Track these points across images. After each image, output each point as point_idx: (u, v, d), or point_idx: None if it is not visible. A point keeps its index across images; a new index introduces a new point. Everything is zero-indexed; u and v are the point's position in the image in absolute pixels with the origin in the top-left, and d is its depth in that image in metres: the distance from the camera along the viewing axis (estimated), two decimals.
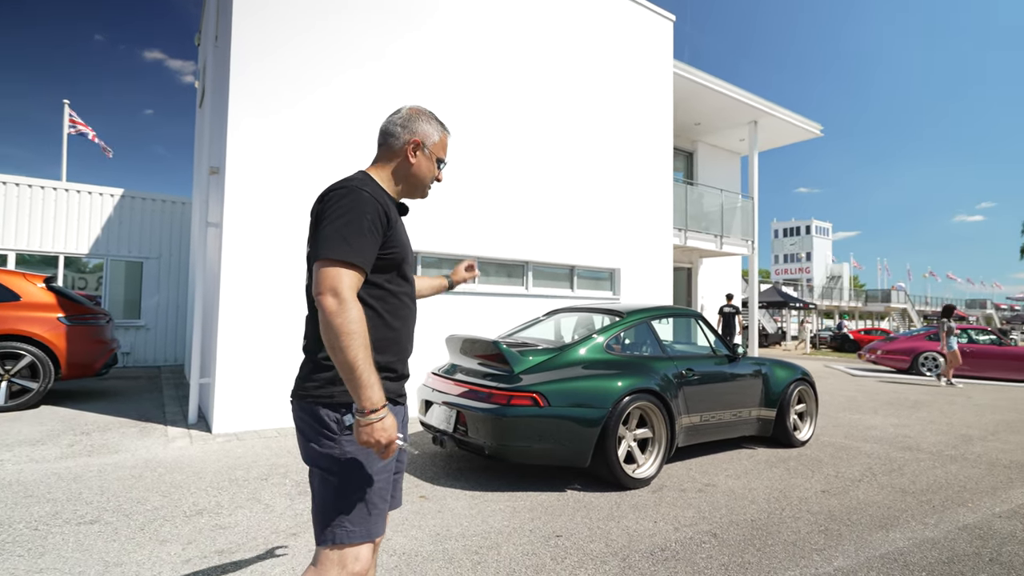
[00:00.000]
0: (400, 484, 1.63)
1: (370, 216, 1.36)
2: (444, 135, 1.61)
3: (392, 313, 1.47)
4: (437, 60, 6.65)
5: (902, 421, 6.47)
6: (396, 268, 1.47)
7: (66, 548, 2.64)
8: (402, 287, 1.50)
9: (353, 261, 1.31)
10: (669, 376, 4.13)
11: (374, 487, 1.38)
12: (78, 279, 10.20)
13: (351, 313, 1.25)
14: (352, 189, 1.38)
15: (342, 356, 1.23)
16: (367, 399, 1.24)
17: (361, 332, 1.25)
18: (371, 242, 1.36)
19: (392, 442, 1.29)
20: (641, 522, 3.14)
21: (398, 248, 1.45)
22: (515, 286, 7.34)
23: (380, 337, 1.42)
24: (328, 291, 1.27)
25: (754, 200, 12.50)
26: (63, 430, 4.97)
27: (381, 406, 1.26)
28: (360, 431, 1.27)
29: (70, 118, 13.90)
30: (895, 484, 3.96)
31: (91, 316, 6.43)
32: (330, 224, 1.33)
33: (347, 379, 1.25)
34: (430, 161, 1.58)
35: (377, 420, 1.26)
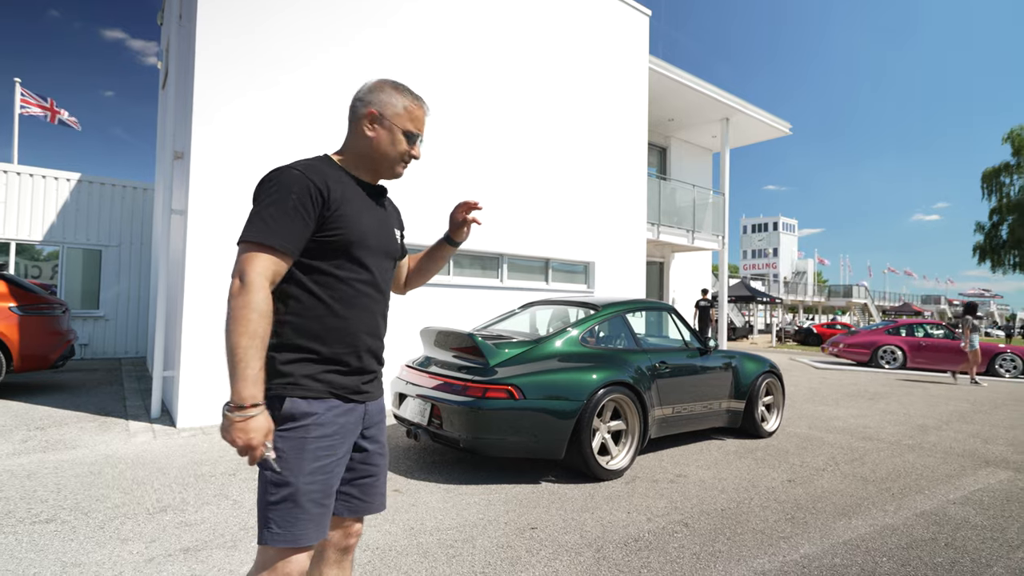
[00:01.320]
0: (379, 488, 1.49)
1: (296, 195, 1.25)
2: (413, 106, 1.44)
3: (341, 301, 1.34)
4: (411, 48, 6.53)
5: (862, 412, 6.71)
6: (343, 252, 1.34)
7: (20, 548, 2.52)
8: (355, 273, 1.36)
9: (269, 243, 1.22)
10: (643, 369, 4.17)
11: (304, 490, 1.25)
12: (31, 267, 9.73)
13: (249, 297, 1.16)
14: (282, 170, 1.29)
15: (228, 340, 1.15)
16: (237, 393, 1.15)
17: (255, 320, 1.16)
18: (297, 222, 1.25)
19: (252, 447, 1.16)
20: (615, 513, 3.17)
21: (343, 230, 1.32)
22: (490, 279, 7.31)
23: (327, 327, 1.32)
24: (237, 273, 1.20)
25: (725, 196, 12.72)
26: (15, 425, 4.75)
27: (250, 404, 1.15)
28: (223, 427, 1.16)
29: (22, 97, 13.19)
30: (857, 473, 4.10)
31: (46, 306, 6.14)
32: (254, 207, 1.26)
33: (228, 366, 1.16)
34: (391, 133, 1.41)
35: (240, 419, 1.14)
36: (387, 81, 1.45)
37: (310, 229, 1.28)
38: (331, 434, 1.31)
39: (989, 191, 34.70)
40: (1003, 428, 5.94)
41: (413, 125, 1.44)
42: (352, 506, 1.45)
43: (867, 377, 10.67)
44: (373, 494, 1.48)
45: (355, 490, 1.44)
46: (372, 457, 1.46)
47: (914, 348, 12.33)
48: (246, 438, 1.15)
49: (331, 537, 1.46)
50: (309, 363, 1.31)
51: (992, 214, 34.80)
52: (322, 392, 1.31)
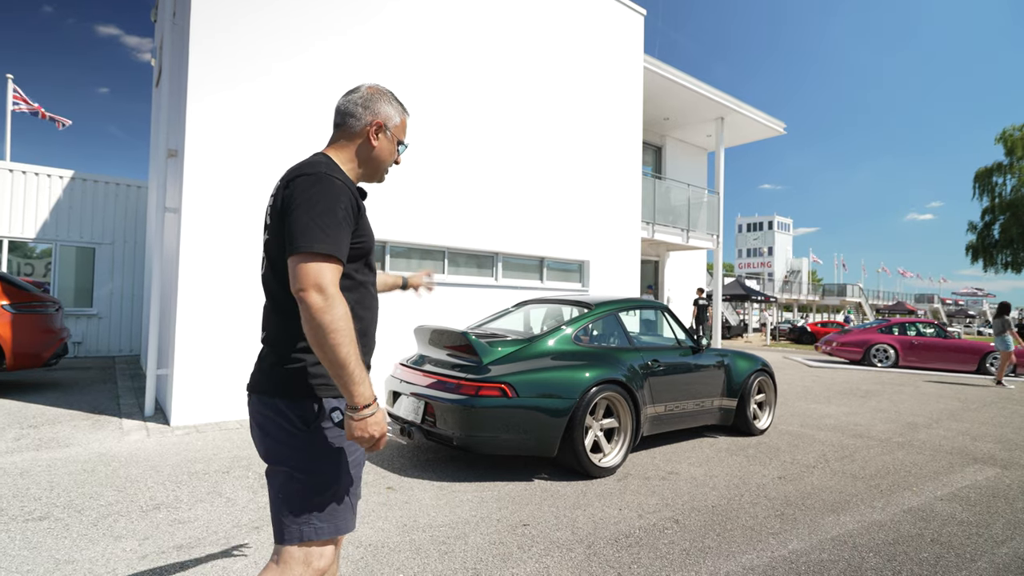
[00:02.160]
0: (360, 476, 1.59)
1: (344, 205, 1.31)
2: (404, 117, 1.57)
3: (360, 303, 1.43)
4: (405, 46, 6.53)
5: (853, 410, 6.76)
6: (364, 257, 1.43)
7: (12, 546, 2.53)
8: (368, 276, 1.47)
9: (333, 253, 1.26)
10: (635, 367, 4.20)
11: (344, 482, 1.35)
12: (24, 265, 9.68)
13: (338, 309, 1.21)
14: (322, 176, 1.31)
15: (332, 354, 1.19)
16: (360, 395, 1.22)
17: (349, 328, 1.22)
18: (346, 232, 1.31)
19: (384, 435, 1.28)
20: (606, 510, 3.20)
21: (366, 237, 1.41)
22: (485, 277, 7.33)
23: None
24: (312, 287, 1.21)
25: (720, 195, 12.77)
26: (8, 423, 4.74)
27: (373, 400, 1.25)
28: (354, 427, 1.24)
29: (14, 94, 13.10)
30: (846, 470, 4.14)
31: (39, 304, 6.12)
32: (305, 214, 1.26)
33: (337, 376, 1.21)
34: (392, 144, 1.53)
35: (371, 415, 1.24)
36: (382, 90, 1.53)
37: (351, 237, 1.35)
38: None
39: (982, 191, 34.93)
40: (992, 426, 6.01)
41: (404, 136, 1.57)
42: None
43: (859, 375, 10.75)
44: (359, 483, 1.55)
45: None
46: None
47: (906, 347, 12.42)
48: (380, 429, 1.26)
49: None
50: None
51: (984, 213, 35.03)
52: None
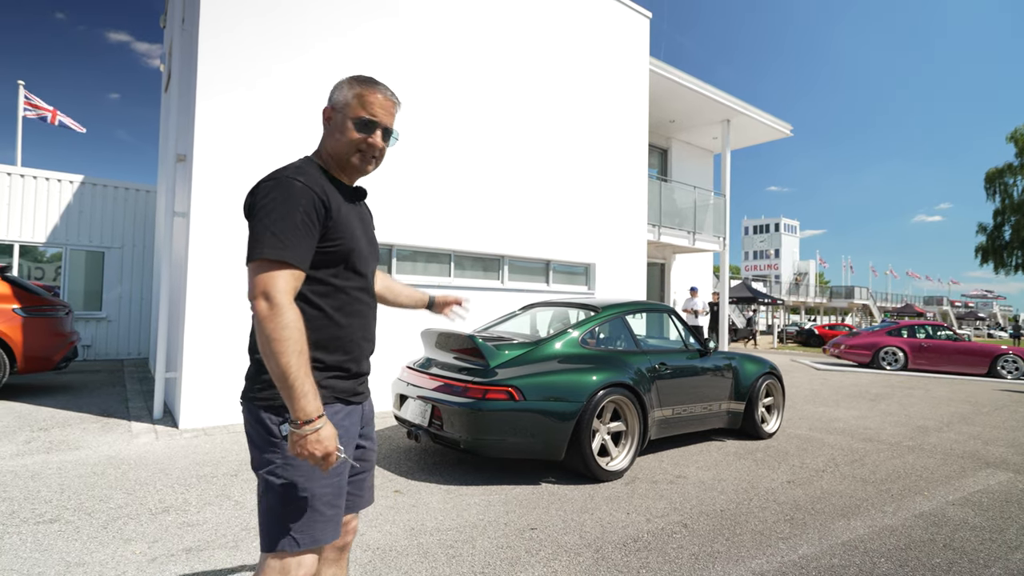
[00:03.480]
0: (369, 482, 1.57)
1: (304, 207, 1.25)
2: (364, 91, 1.38)
3: (341, 310, 1.37)
4: (412, 49, 6.55)
5: (863, 413, 6.71)
6: (343, 261, 1.36)
7: (24, 548, 2.54)
8: (352, 281, 1.39)
9: (287, 260, 1.21)
10: (642, 370, 4.19)
11: (319, 494, 1.29)
12: (35, 269, 9.78)
13: (283, 318, 1.17)
14: (282, 180, 1.27)
15: (274, 363, 1.16)
16: (300, 409, 1.16)
17: (295, 338, 1.17)
18: (306, 236, 1.25)
19: (329, 454, 1.19)
20: (614, 514, 3.19)
21: (343, 239, 1.34)
22: (491, 280, 7.34)
23: (329, 336, 1.35)
24: (260, 295, 1.19)
25: (726, 198, 12.73)
26: (19, 426, 4.78)
27: (316, 416, 1.18)
28: (294, 443, 1.18)
29: (26, 100, 13.26)
30: (856, 474, 4.11)
31: (49, 308, 6.18)
32: (260, 221, 1.23)
33: (280, 388, 1.17)
34: (343, 126, 1.37)
35: (311, 432, 1.17)
36: (349, 77, 1.42)
37: (316, 241, 1.29)
38: (339, 437, 1.32)
39: (993, 192, 34.64)
40: (1004, 430, 5.94)
41: (365, 111, 1.37)
42: (349, 502, 1.48)
43: (868, 378, 10.66)
44: (365, 488, 1.55)
45: (351, 487, 1.48)
46: (367, 454, 1.53)
47: (915, 349, 12.31)
48: (323, 448, 1.18)
49: None
50: (313, 371, 1.29)
51: (996, 215, 34.73)
52: (327, 397, 1.32)
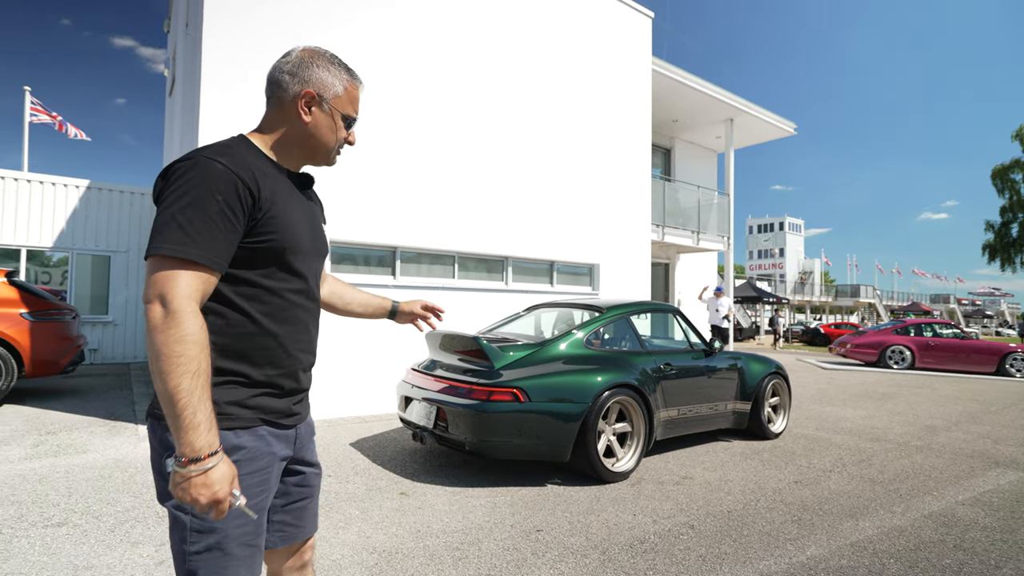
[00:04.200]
0: (312, 509, 1.33)
1: (222, 195, 1.02)
2: (352, 85, 1.25)
3: (272, 315, 1.15)
4: (412, 49, 6.56)
5: (870, 413, 6.67)
6: (276, 260, 1.14)
7: (32, 552, 2.55)
8: (288, 283, 1.17)
9: (192, 258, 0.99)
10: (648, 371, 4.17)
11: (232, 534, 1.06)
12: (41, 273, 9.84)
13: (179, 329, 0.95)
14: (199, 161, 1.04)
15: (160, 383, 0.94)
16: (186, 444, 0.93)
17: (191, 354, 0.95)
18: (223, 230, 1.03)
19: (219, 501, 0.95)
20: (621, 515, 3.17)
21: (276, 234, 1.12)
22: (495, 281, 7.33)
23: (256, 346, 1.13)
24: (155, 298, 0.96)
25: (730, 197, 12.69)
26: (27, 430, 4.81)
27: (207, 453, 0.95)
28: (175, 484, 0.95)
29: (32, 105, 13.35)
30: (864, 474, 4.08)
31: (56, 312, 6.21)
32: (167, 209, 1.01)
33: (166, 414, 0.95)
34: (330, 119, 1.23)
35: (198, 472, 0.94)
36: (320, 52, 1.23)
37: (239, 236, 1.07)
38: (263, 467, 1.14)
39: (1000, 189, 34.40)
40: (1014, 428, 5.89)
41: (352, 108, 1.27)
42: (285, 534, 1.28)
43: (875, 377, 10.60)
44: (306, 517, 1.32)
45: (288, 516, 1.28)
46: (308, 479, 1.31)
47: (923, 348, 12.23)
48: (210, 493, 0.95)
49: (284, 564, 1.32)
50: (237, 388, 1.11)
51: (1003, 212, 34.49)
52: (252, 420, 1.12)
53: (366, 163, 6.09)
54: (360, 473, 3.87)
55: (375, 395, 5.97)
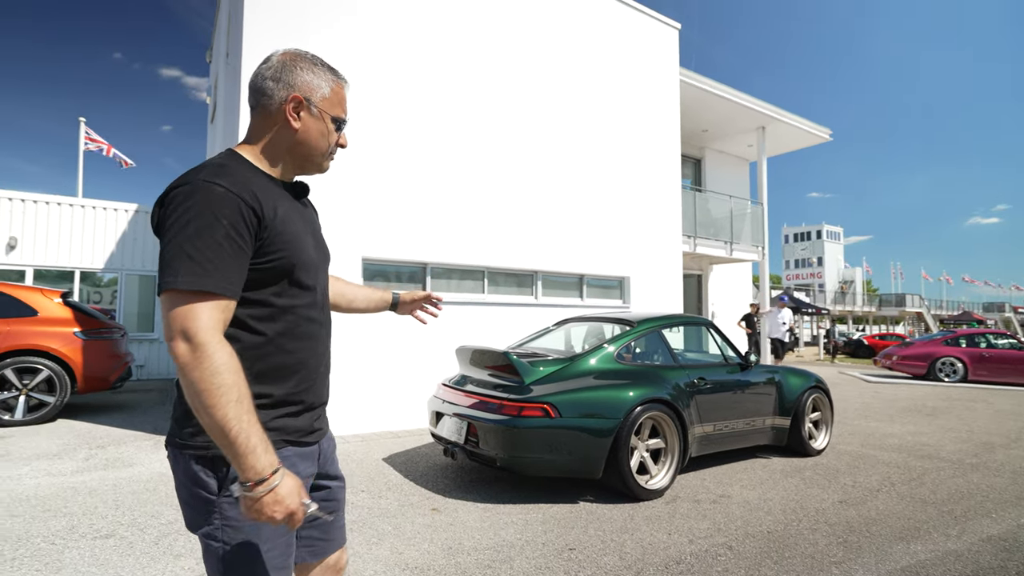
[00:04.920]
0: (339, 521, 1.35)
1: (228, 220, 1.00)
2: (338, 85, 1.21)
3: (287, 333, 1.14)
4: (439, 64, 6.70)
5: (920, 429, 6.35)
6: (286, 276, 1.13)
7: (82, 563, 2.66)
8: (299, 298, 1.16)
9: (208, 289, 0.98)
10: (681, 385, 4.09)
11: (265, 558, 1.09)
12: (93, 293, 10.35)
13: (213, 362, 0.95)
14: (198, 186, 1.01)
15: (207, 418, 0.95)
16: (249, 468, 0.95)
17: (230, 383, 0.95)
18: (232, 255, 1.01)
19: (293, 514, 0.99)
20: (655, 534, 3.10)
21: (284, 251, 1.10)
22: (525, 296, 7.34)
23: (275, 365, 1.13)
24: (178, 335, 0.96)
25: (763, 206, 12.42)
26: (79, 444, 5.03)
27: (271, 472, 0.97)
28: (248, 507, 0.97)
29: (86, 135, 14.18)
30: (915, 494, 3.88)
31: (106, 330, 6.51)
32: (172, 240, 0.99)
33: (221, 445, 0.96)
34: (321, 122, 1.18)
35: (266, 492, 0.96)
36: (301, 55, 1.19)
37: (248, 258, 1.05)
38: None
39: None
40: None
41: (341, 109, 1.22)
42: (315, 549, 1.29)
43: (924, 391, 10.11)
44: (334, 530, 1.33)
45: (316, 531, 1.29)
46: (333, 493, 1.33)
47: (976, 360, 11.61)
48: (284, 508, 0.97)
49: None
50: (258, 410, 1.07)
51: None
52: (276, 442, 1.10)
53: (397, 180, 6.22)
54: (392, 488, 3.90)
55: (407, 410, 6.02)
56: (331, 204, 5.63)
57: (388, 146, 6.19)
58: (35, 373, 5.86)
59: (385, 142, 6.17)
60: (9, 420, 5.68)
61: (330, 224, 5.60)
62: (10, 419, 5.68)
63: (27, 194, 9.71)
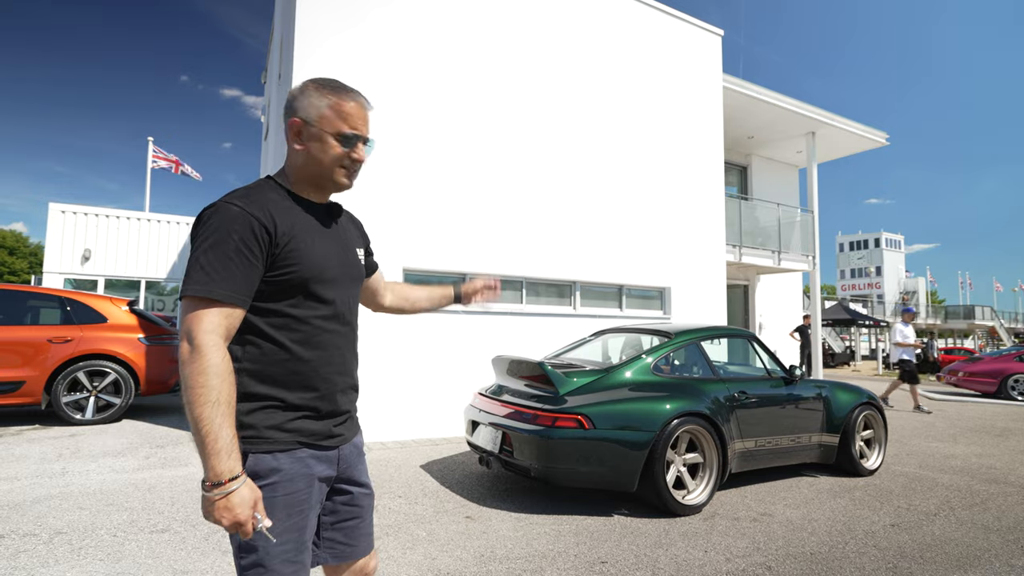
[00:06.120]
0: (364, 530, 1.38)
1: (238, 235, 1.12)
2: (340, 102, 1.24)
3: (303, 342, 1.22)
4: (482, 89, 6.84)
5: (987, 450, 5.94)
6: (301, 289, 1.21)
7: (140, 555, 2.84)
8: (316, 310, 1.24)
9: (214, 296, 1.08)
10: (720, 399, 4.00)
11: (273, 552, 1.14)
12: (157, 301, 11.04)
13: (203, 362, 1.04)
14: (218, 207, 1.14)
15: (188, 412, 1.04)
16: (211, 469, 1.02)
17: (213, 385, 1.04)
18: (240, 266, 1.11)
19: (240, 524, 1.03)
20: (691, 551, 3.04)
21: (297, 265, 1.19)
22: (563, 306, 7.34)
23: (288, 371, 1.20)
24: (184, 335, 1.07)
25: (814, 213, 11.97)
26: (141, 443, 5.36)
27: (228, 478, 1.03)
28: (203, 505, 1.04)
29: (153, 153, 15.19)
30: (977, 520, 3.64)
31: (167, 336, 6.93)
32: (192, 253, 1.13)
33: (195, 441, 1.04)
34: (322, 140, 1.24)
35: (220, 496, 1.02)
36: (312, 81, 1.27)
37: (259, 271, 1.16)
38: (301, 488, 1.20)
39: None
40: None
41: (345, 124, 1.25)
42: (336, 552, 1.34)
43: (994, 410, 9.43)
44: (358, 536, 1.37)
45: (339, 535, 1.34)
46: (356, 499, 1.36)
47: None
48: (232, 516, 1.03)
49: None
50: (275, 412, 1.19)
51: None
52: (289, 443, 1.19)
53: (437, 191, 6.37)
54: (428, 495, 3.97)
55: (446, 418, 6.11)
56: (372, 216, 5.83)
57: (428, 158, 6.36)
58: (104, 376, 6.30)
59: (425, 154, 6.34)
60: (81, 420, 6.11)
61: (371, 236, 5.80)
62: (81, 419, 6.12)
63: (99, 209, 10.49)
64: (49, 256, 10.06)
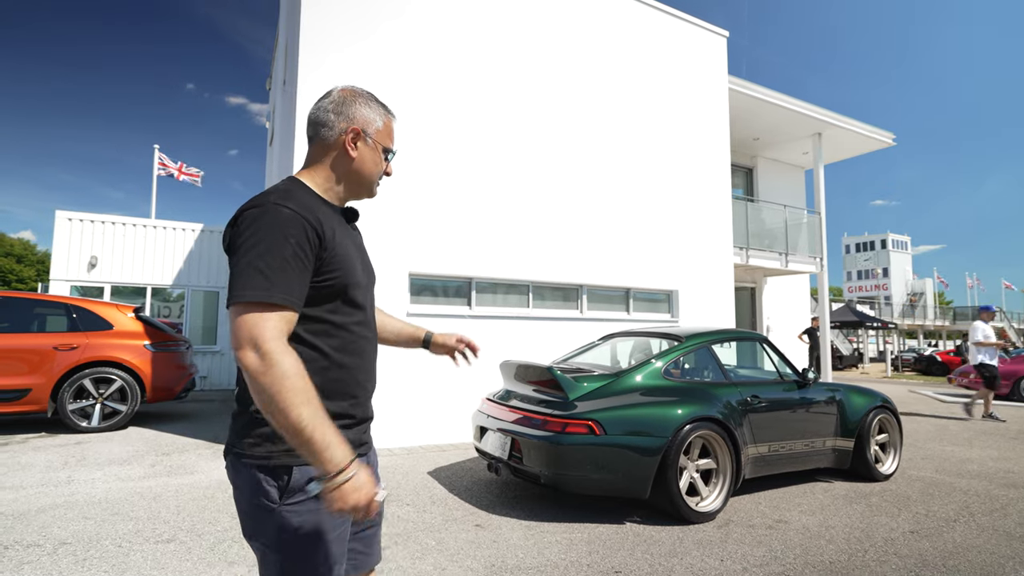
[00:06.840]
0: (378, 538, 1.40)
1: (294, 239, 1.09)
2: (388, 120, 1.33)
3: (342, 349, 1.21)
4: (487, 93, 6.81)
5: (1004, 454, 5.83)
6: (341, 295, 1.20)
7: (145, 566, 2.80)
8: (352, 316, 1.24)
9: (276, 301, 1.06)
10: (733, 403, 3.93)
11: (324, 563, 1.14)
12: (163, 308, 11.04)
13: (281, 367, 1.01)
14: (268, 208, 1.11)
15: (282, 420, 1.00)
16: (329, 461, 1.01)
17: (300, 387, 1.02)
18: (298, 272, 1.10)
19: (372, 499, 1.05)
20: (706, 560, 2.96)
21: (339, 271, 1.18)
22: (570, 310, 7.28)
23: (330, 379, 1.19)
24: (247, 344, 1.02)
25: (821, 215, 11.88)
26: (147, 451, 5.33)
27: (348, 462, 1.03)
28: (330, 498, 1.02)
29: (159, 161, 15.25)
30: (998, 526, 3.55)
31: (173, 343, 6.91)
32: (244, 256, 1.08)
33: (297, 445, 1.02)
34: (375, 152, 1.29)
35: (346, 480, 1.02)
36: (358, 91, 1.31)
37: (310, 275, 1.14)
38: None
39: None
40: None
41: (390, 140, 1.34)
42: (357, 562, 1.34)
43: (1008, 412, 9.29)
44: (374, 544, 1.38)
45: (359, 544, 1.34)
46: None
47: None
48: (363, 495, 1.04)
49: None
50: None
51: None
52: None
53: (443, 196, 6.34)
54: (437, 503, 3.91)
55: (453, 424, 6.06)
56: (379, 221, 5.80)
57: (434, 163, 6.33)
58: (109, 383, 6.27)
59: (431, 159, 6.31)
60: (87, 427, 6.09)
61: (378, 240, 5.77)
62: (87, 426, 6.10)
63: (105, 216, 10.51)
64: (56, 263, 10.09)
